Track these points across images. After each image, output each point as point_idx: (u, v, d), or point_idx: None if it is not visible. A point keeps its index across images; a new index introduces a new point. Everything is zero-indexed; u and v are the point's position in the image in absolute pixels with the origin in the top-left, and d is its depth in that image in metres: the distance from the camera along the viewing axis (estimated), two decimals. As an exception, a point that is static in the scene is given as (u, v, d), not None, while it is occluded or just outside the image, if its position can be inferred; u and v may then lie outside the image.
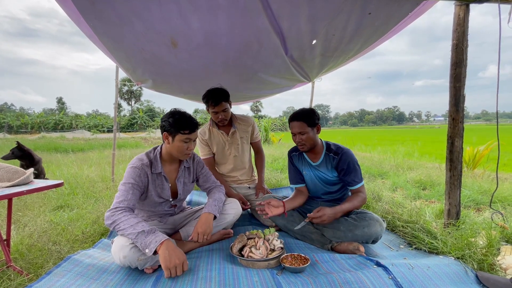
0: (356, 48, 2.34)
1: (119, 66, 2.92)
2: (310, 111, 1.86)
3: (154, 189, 1.70)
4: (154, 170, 1.67)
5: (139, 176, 1.60)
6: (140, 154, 1.71)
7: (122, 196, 1.52)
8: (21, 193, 1.54)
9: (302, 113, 1.84)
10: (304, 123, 1.81)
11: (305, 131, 1.82)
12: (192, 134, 1.63)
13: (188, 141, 1.64)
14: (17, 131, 34.67)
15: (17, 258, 1.70)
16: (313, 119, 1.83)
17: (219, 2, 1.59)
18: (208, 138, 2.47)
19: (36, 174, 3.60)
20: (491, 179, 4.03)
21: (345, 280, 1.29)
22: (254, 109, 67.65)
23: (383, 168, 5.22)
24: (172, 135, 1.62)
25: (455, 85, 1.84)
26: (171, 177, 1.79)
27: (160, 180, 1.72)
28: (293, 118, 1.86)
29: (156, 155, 1.71)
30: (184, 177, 1.85)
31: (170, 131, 1.61)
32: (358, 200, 1.78)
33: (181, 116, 1.61)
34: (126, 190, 1.55)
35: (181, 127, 1.59)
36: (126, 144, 12.90)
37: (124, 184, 1.57)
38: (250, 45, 2.15)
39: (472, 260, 1.50)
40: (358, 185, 1.83)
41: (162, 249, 1.35)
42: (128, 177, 1.59)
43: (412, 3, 1.70)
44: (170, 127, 1.60)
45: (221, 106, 2.26)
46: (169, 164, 1.77)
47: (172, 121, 1.59)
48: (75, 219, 2.38)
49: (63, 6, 1.60)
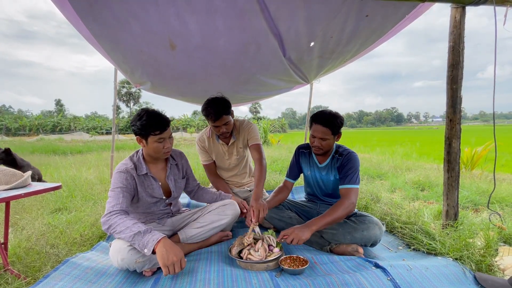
0: (354, 50, 2.36)
1: (117, 68, 2.92)
2: (338, 118, 1.76)
3: (144, 190, 1.70)
4: (139, 172, 1.66)
5: (126, 179, 1.59)
6: (124, 159, 1.70)
7: (114, 200, 1.51)
8: (19, 196, 1.53)
9: (330, 119, 1.75)
10: (329, 130, 1.74)
11: (327, 138, 1.76)
12: (164, 133, 1.59)
13: (162, 141, 1.61)
14: (15, 133, 34.53)
15: (14, 261, 1.69)
16: (339, 127, 1.77)
17: (216, 4, 1.60)
18: (207, 146, 2.39)
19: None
20: (489, 179, 4.05)
21: (343, 282, 1.29)
22: (253, 111, 67.67)
23: (381, 169, 5.23)
24: (145, 138, 1.59)
25: (452, 87, 1.85)
26: (160, 176, 1.78)
27: (149, 181, 1.71)
28: (318, 121, 1.76)
29: (139, 157, 1.70)
30: (174, 174, 1.85)
31: (141, 134, 1.58)
32: (341, 209, 1.63)
33: (149, 117, 1.56)
34: (116, 194, 1.54)
35: (150, 129, 1.56)
36: (125, 146, 12.87)
37: (113, 189, 1.56)
38: (248, 47, 2.15)
39: (470, 261, 1.51)
40: (350, 185, 1.73)
41: (159, 247, 1.34)
42: (116, 182, 1.58)
43: (409, 6, 1.71)
44: (140, 130, 1.57)
45: (222, 120, 2.07)
46: (154, 164, 1.76)
47: (140, 124, 1.56)
48: (73, 221, 2.37)
49: (61, 8, 1.60)
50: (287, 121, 53.65)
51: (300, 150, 2.07)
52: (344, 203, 1.67)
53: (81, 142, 16.28)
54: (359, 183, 1.79)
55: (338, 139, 1.86)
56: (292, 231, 1.56)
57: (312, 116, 1.84)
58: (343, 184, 1.77)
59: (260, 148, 2.27)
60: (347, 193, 1.73)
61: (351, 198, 1.70)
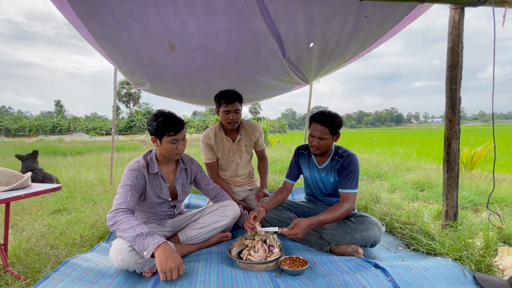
0: (353, 50, 2.36)
1: (117, 69, 2.93)
2: (336, 118, 1.79)
3: (152, 190, 1.72)
4: (151, 170, 1.70)
5: (136, 177, 1.62)
6: (138, 157, 1.74)
7: (122, 198, 1.55)
8: (19, 197, 1.54)
9: (328, 118, 1.77)
10: (327, 129, 1.76)
11: (325, 137, 1.77)
12: (178, 134, 1.64)
13: (176, 142, 1.65)
14: (14, 134, 34.50)
15: (14, 262, 1.70)
16: (337, 127, 1.78)
17: (216, 5, 1.60)
18: (213, 143, 2.42)
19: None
20: (488, 180, 4.05)
21: (343, 282, 1.29)
22: (252, 111, 67.63)
23: (381, 169, 5.23)
24: (159, 138, 1.64)
25: (451, 87, 1.85)
26: (169, 178, 1.81)
27: (158, 181, 1.74)
28: (317, 120, 1.78)
29: (152, 156, 1.75)
30: (182, 178, 1.88)
31: (156, 134, 1.63)
32: (341, 211, 1.70)
33: (164, 118, 1.61)
34: (125, 192, 1.57)
35: (166, 130, 1.60)
36: (125, 146, 12.86)
37: (123, 186, 1.60)
38: (247, 48, 2.16)
39: (470, 261, 1.51)
40: (349, 190, 1.77)
41: (158, 252, 1.35)
42: (126, 179, 1.61)
43: (408, 7, 1.72)
44: (155, 130, 1.62)
45: (234, 105, 2.23)
46: (165, 165, 1.80)
47: (156, 124, 1.61)
48: (73, 222, 2.37)
49: (61, 9, 1.61)
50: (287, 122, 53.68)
51: (300, 151, 2.07)
52: (344, 205, 1.74)
53: (81, 143, 16.26)
54: (358, 187, 1.82)
55: (336, 140, 1.86)
56: (296, 223, 1.65)
57: (311, 116, 1.86)
58: (343, 189, 1.79)
59: (265, 152, 2.70)
60: (347, 197, 1.77)
61: (350, 202, 1.75)
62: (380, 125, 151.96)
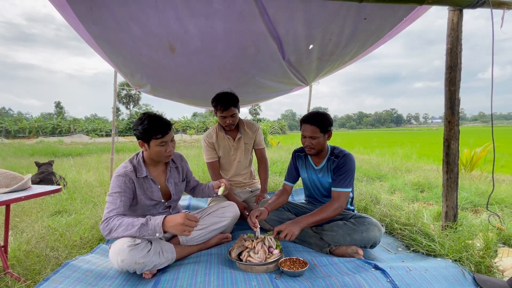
0: (352, 52, 2.37)
1: (117, 71, 2.93)
2: (324, 116, 1.82)
3: (143, 193, 1.70)
4: (139, 174, 1.66)
5: (124, 183, 1.59)
6: (124, 162, 1.70)
7: (111, 205, 1.52)
8: (19, 199, 1.54)
9: (317, 117, 1.80)
10: (317, 128, 1.78)
11: (316, 136, 1.79)
12: (166, 136, 1.60)
13: (165, 144, 1.62)
14: (14, 135, 34.49)
15: (14, 264, 1.70)
16: (327, 125, 1.81)
17: (215, 7, 1.61)
18: (215, 142, 2.45)
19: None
20: (488, 180, 4.05)
21: (343, 284, 1.30)
22: (252, 112, 67.65)
23: (381, 170, 5.23)
24: (147, 142, 1.60)
25: (450, 89, 1.86)
26: (160, 179, 1.78)
27: (148, 184, 1.71)
28: (307, 121, 1.82)
29: (139, 160, 1.71)
30: (174, 177, 1.85)
31: (144, 138, 1.59)
32: (330, 210, 1.72)
33: (150, 121, 1.57)
34: (114, 199, 1.55)
35: (153, 133, 1.57)
36: (125, 148, 12.86)
37: (111, 194, 1.57)
38: (247, 49, 2.17)
39: (470, 263, 1.51)
40: (340, 189, 1.78)
41: (166, 226, 1.41)
42: (114, 186, 1.58)
43: (407, 8, 1.73)
44: (142, 134, 1.58)
45: (229, 111, 2.25)
46: (154, 167, 1.76)
47: (142, 128, 1.56)
48: (73, 224, 2.37)
49: (61, 11, 1.61)
50: (287, 123, 53.69)
51: (296, 153, 2.09)
52: (333, 205, 1.75)
53: (81, 144, 16.25)
54: (351, 187, 1.83)
55: (329, 138, 1.88)
56: (286, 227, 1.63)
57: (301, 118, 1.89)
58: (336, 187, 1.81)
59: (265, 151, 2.66)
60: (338, 196, 1.78)
61: (340, 201, 1.76)
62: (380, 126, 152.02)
